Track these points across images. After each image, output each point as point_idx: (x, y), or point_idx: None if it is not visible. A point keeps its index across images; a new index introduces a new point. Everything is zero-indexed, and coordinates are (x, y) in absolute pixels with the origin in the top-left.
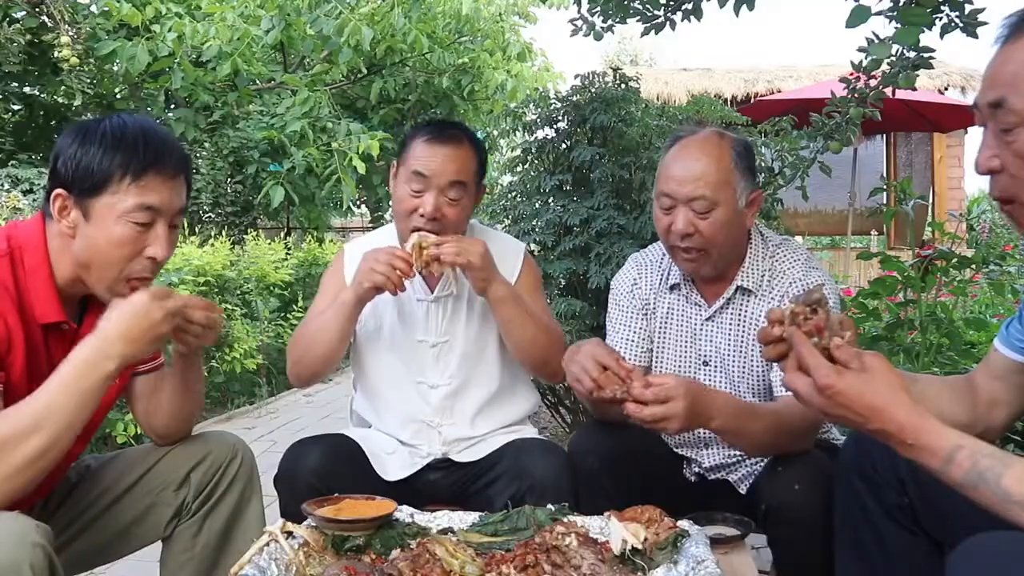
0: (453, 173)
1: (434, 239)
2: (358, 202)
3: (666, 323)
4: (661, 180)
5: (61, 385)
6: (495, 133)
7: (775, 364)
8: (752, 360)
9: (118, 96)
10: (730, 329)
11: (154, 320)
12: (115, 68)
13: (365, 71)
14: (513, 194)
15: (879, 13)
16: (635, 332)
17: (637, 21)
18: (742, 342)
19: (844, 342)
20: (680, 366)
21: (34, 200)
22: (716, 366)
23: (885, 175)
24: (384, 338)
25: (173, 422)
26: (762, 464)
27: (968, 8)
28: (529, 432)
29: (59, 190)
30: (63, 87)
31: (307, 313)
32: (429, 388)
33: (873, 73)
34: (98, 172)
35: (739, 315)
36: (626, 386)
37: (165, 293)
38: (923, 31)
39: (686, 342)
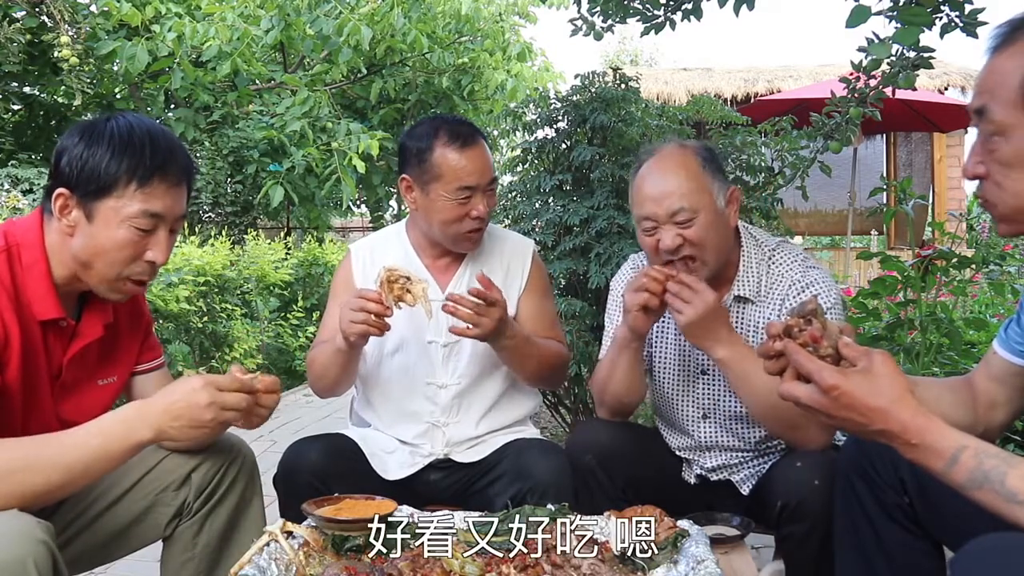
0: (491, 170)
1: (402, 271)
2: (358, 202)
3: (663, 328)
4: (637, 205)
5: (88, 437)
6: (495, 133)
7: None
8: None
9: (118, 96)
10: None
11: (202, 417)
12: (115, 68)
13: (365, 71)
14: (513, 194)
15: (879, 13)
16: None
17: (637, 21)
18: None
19: (850, 340)
20: (678, 374)
21: (34, 200)
22: (715, 375)
23: (885, 175)
24: (392, 340)
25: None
26: (766, 465)
27: (968, 8)
28: (531, 432)
29: (61, 189)
30: (63, 87)
31: (320, 324)
32: (438, 388)
33: (873, 73)
34: (104, 175)
35: (737, 323)
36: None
37: (227, 385)
38: (923, 31)
39: (684, 351)
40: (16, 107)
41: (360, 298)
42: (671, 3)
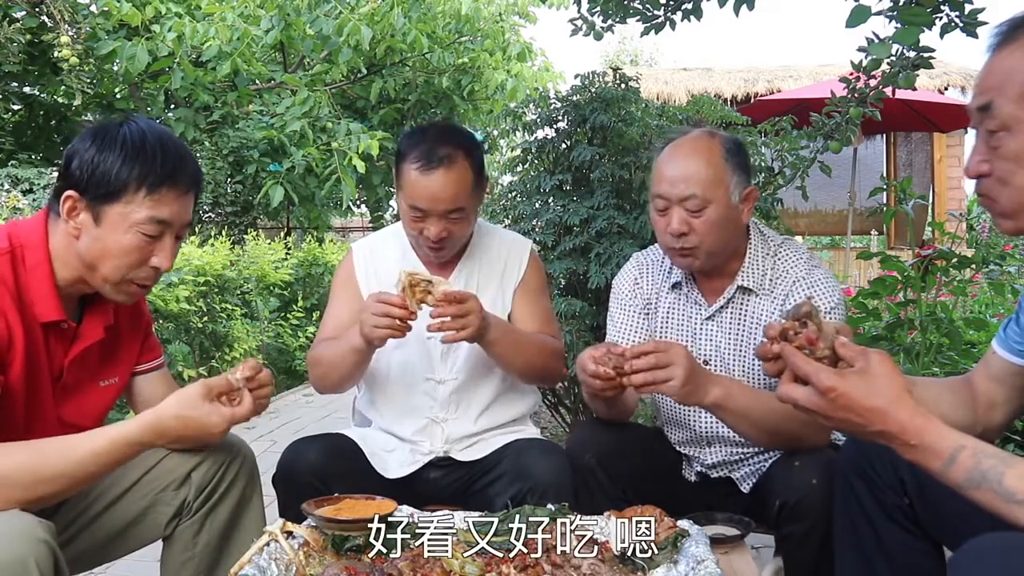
0: (450, 201)
1: (424, 276)
2: (358, 202)
3: (667, 322)
4: (655, 182)
5: (93, 447)
6: (495, 133)
7: None
8: (752, 360)
9: (118, 96)
10: (730, 328)
11: (209, 444)
12: (115, 68)
13: (365, 71)
14: (513, 194)
15: (879, 13)
16: (636, 331)
17: (637, 21)
18: (742, 341)
19: (847, 340)
20: None
21: (34, 200)
22: (716, 366)
23: (885, 175)
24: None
25: None
26: (766, 463)
27: (968, 8)
28: (531, 431)
29: (71, 192)
30: (63, 87)
31: (322, 322)
32: (437, 384)
33: (873, 73)
34: (114, 180)
35: (740, 314)
36: (621, 360)
37: (243, 418)
38: (923, 31)
39: (686, 341)
40: (16, 107)
41: (382, 303)
42: (671, 3)
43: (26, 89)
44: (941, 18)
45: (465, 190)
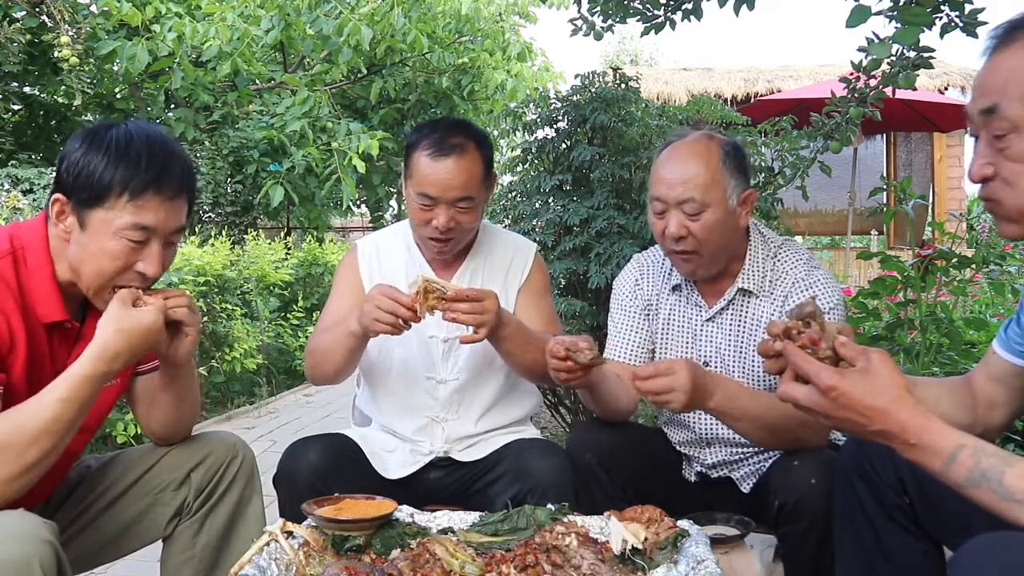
0: (460, 189)
1: (440, 284)
2: (358, 202)
3: (668, 324)
4: (653, 184)
5: (62, 393)
6: (495, 133)
7: None
8: (752, 361)
9: (118, 96)
10: (730, 330)
11: (153, 333)
12: (115, 68)
13: (365, 71)
14: (513, 194)
15: (879, 13)
16: (637, 332)
17: (637, 21)
18: (742, 343)
19: (847, 340)
20: None
21: (34, 200)
22: (716, 367)
23: (885, 175)
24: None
25: (170, 426)
26: (767, 463)
27: (968, 8)
28: (531, 432)
29: (58, 195)
30: (63, 87)
31: (322, 314)
32: (438, 383)
33: (873, 73)
34: (97, 185)
35: (740, 316)
36: (595, 352)
37: (161, 305)
38: (923, 31)
39: (687, 343)
40: (16, 107)
41: (392, 300)
42: (671, 3)
43: (26, 89)
44: (941, 18)
45: (475, 180)
